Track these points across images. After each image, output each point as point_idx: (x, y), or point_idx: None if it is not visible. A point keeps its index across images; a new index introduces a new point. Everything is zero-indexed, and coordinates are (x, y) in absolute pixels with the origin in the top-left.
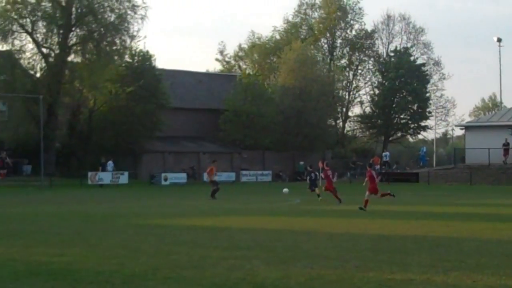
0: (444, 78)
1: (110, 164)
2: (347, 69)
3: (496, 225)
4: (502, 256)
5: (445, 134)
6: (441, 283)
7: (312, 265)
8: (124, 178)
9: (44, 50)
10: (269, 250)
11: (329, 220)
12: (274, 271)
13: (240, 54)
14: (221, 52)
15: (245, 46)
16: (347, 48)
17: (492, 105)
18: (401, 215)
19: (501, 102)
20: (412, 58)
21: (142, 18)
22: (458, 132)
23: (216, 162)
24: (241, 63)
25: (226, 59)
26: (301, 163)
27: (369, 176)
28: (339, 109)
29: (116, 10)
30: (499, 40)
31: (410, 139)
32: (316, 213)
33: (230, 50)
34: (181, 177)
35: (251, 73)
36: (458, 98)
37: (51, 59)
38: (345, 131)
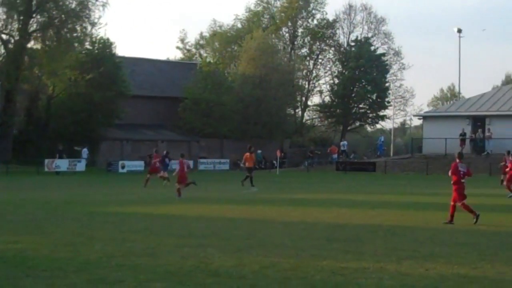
0: (403, 68)
1: (85, 151)
2: (308, 58)
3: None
4: (455, 245)
5: (403, 124)
6: (394, 272)
7: (266, 253)
8: (81, 166)
9: (3, 36)
10: (224, 238)
11: (285, 208)
12: (229, 259)
13: (201, 42)
14: (182, 40)
15: (206, 34)
16: (308, 38)
17: (451, 95)
18: (357, 204)
19: (459, 93)
20: (372, 48)
21: (103, 5)
22: (416, 122)
23: (252, 148)
24: (202, 52)
25: (187, 47)
26: (259, 151)
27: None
28: (298, 98)
29: None
30: (459, 31)
31: (368, 129)
32: (272, 201)
33: (191, 38)
34: (138, 165)
35: (212, 61)
36: (417, 88)
37: (10, 46)
38: (304, 120)
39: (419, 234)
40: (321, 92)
